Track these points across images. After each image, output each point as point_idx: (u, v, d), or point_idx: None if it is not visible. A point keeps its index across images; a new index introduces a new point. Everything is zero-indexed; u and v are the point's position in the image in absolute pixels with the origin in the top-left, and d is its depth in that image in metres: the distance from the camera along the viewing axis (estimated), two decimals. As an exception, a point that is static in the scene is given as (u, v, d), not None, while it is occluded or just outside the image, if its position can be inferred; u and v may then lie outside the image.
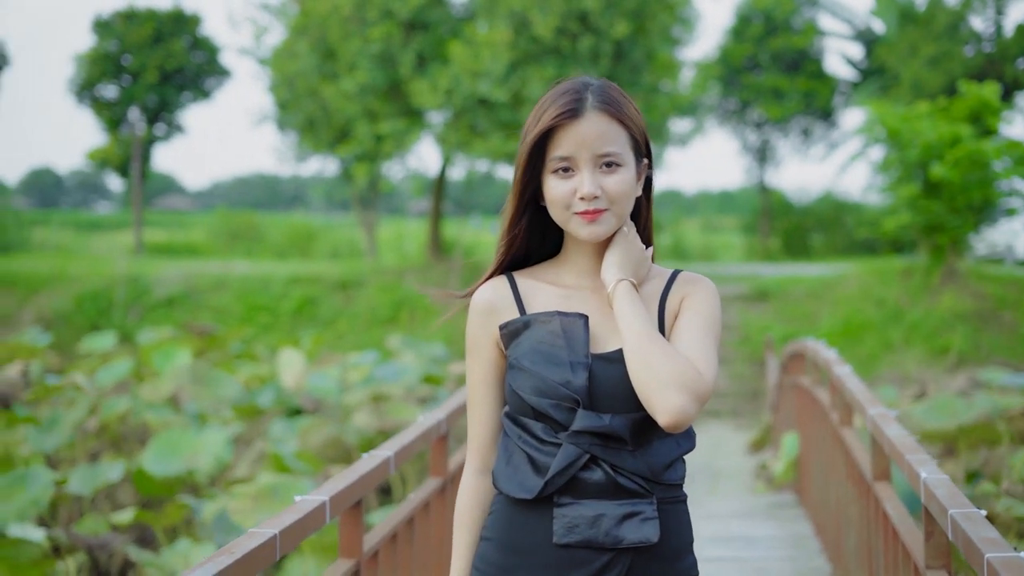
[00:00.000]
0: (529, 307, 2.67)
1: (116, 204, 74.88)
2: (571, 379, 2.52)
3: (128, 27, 36.83)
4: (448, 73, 22.20)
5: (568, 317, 2.60)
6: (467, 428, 2.77)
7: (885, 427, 4.43)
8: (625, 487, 2.53)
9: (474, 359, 2.71)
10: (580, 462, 2.52)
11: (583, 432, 2.52)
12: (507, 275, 2.73)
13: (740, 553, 7.49)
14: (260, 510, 8.04)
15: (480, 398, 2.71)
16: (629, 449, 2.53)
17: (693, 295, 2.65)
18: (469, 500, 2.72)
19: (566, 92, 2.61)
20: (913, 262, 22.53)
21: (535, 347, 2.58)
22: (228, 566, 2.79)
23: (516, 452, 2.60)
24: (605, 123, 2.58)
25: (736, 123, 36.45)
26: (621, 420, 2.51)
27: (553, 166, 2.59)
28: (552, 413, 2.53)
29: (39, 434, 11.34)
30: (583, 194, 2.55)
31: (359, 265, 27.25)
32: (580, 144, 2.56)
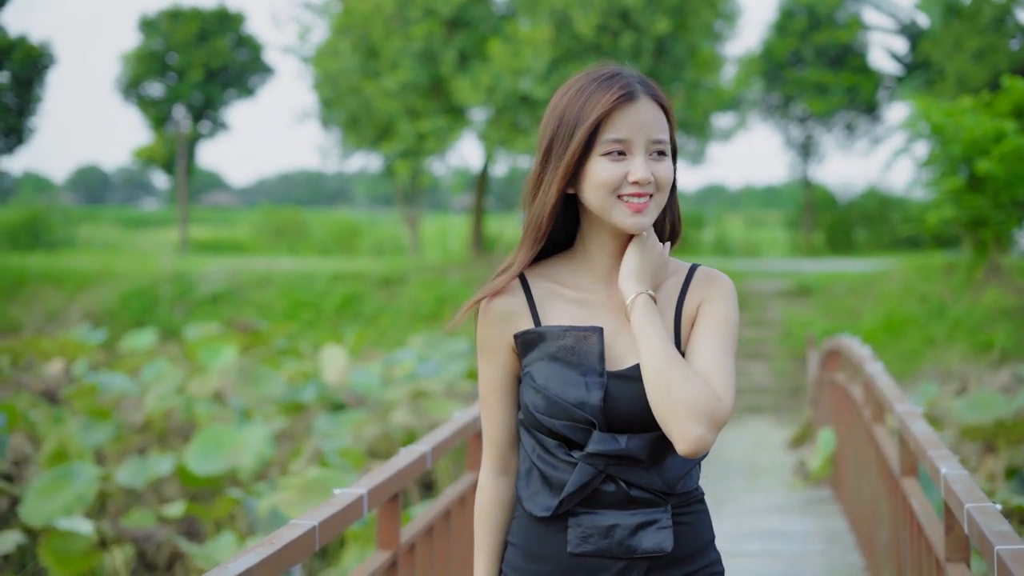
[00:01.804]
0: (544, 315, 2.59)
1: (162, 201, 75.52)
2: (586, 399, 2.47)
3: (173, 26, 37.20)
4: (489, 71, 22.32)
5: (582, 331, 2.53)
6: (482, 429, 2.73)
7: (911, 424, 4.52)
8: (639, 499, 2.51)
9: (489, 363, 2.65)
10: (596, 482, 2.50)
11: (599, 454, 2.48)
12: (520, 277, 2.64)
13: (775, 547, 7.57)
14: (306, 503, 8.21)
15: (496, 402, 2.66)
16: (644, 466, 2.50)
17: (711, 300, 2.58)
18: (488, 502, 2.69)
19: (615, 76, 2.55)
20: (956, 257, 22.45)
21: (549, 364, 2.52)
22: (269, 555, 2.92)
23: (534, 469, 2.57)
24: (656, 110, 2.55)
25: (779, 118, 36.31)
26: (637, 441, 2.48)
27: (605, 148, 2.51)
28: (567, 433, 2.49)
29: (87, 429, 11.55)
30: (637, 178, 2.49)
31: (402, 261, 27.43)
32: (637, 128, 2.51)
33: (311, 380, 14.55)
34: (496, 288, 2.61)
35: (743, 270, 24.55)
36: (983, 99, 20.87)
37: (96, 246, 39.52)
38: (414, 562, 4.19)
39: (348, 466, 9.87)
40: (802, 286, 22.67)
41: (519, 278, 2.64)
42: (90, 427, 11.57)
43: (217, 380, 14.34)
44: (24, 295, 25.02)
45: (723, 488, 12.01)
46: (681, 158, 29.37)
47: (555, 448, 2.52)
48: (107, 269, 25.92)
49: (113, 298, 24.41)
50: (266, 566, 2.89)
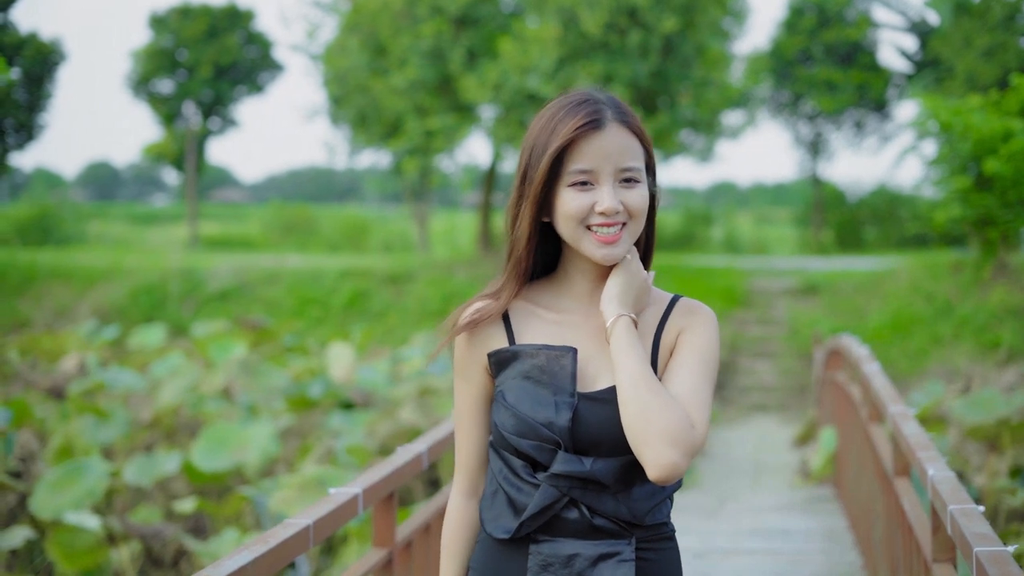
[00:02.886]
0: (519, 334, 2.55)
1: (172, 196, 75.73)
2: (554, 420, 2.42)
3: (183, 23, 37.34)
4: (497, 68, 22.37)
5: (555, 351, 2.47)
6: (455, 451, 2.69)
7: (903, 425, 4.57)
8: (602, 528, 2.44)
9: (463, 383, 2.60)
10: (558, 506, 2.44)
11: (562, 475, 2.42)
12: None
13: (775, 546, 7.62)
14: (305, 501, 8.27)
15: (468, 423, 2.61)
16: (610, 493, 2.44)
17: (692, 329, 2.53)
18: (457, 526, 2.64)
19: (583, 103, 2.49)
20: (964, 256, 22.44)
21: (520, 383, 2.47)
22: (263, 554, 2.98)
23: (499, 490, 2.51)
24: (626, 137, 2.48)
25: (789, 116, 36.32)
26: (604, 465, 2.42)
27: (571, 179, 2.46)
28: (532, 453, 2.44)
29: (95, 426, 11.63)
30: (604, 209, 2.43)
31: (410, 258, 27.49)
32: (603, 157, 2.45)
33: (318, 377, 14.62)
34: (477, 320, 2.54)
35: (751, 268, 24.57)
36: (991, 98, 20.85)
37: (106, 242, 39.67)
38: (410, 560, 4.25)
39: (354, 464, 9.93)
40: (809, 284, 22.69)
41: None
42: (98, 423, 11.65)
43: (224, 377, 14.41)
44: (34, 291, 25.12)
45: (727, 486, 12.05)
46: (690, 156, 29.54)
47: (521, 469, 2.46)
48: (117, 265, 26.02)
49: (122, 295, 24.50)
50: (260, 564, 2.95)
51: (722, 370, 19.40)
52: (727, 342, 20.01)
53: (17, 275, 25.64)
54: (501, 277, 2.59)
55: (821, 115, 35.77)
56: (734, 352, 20.20)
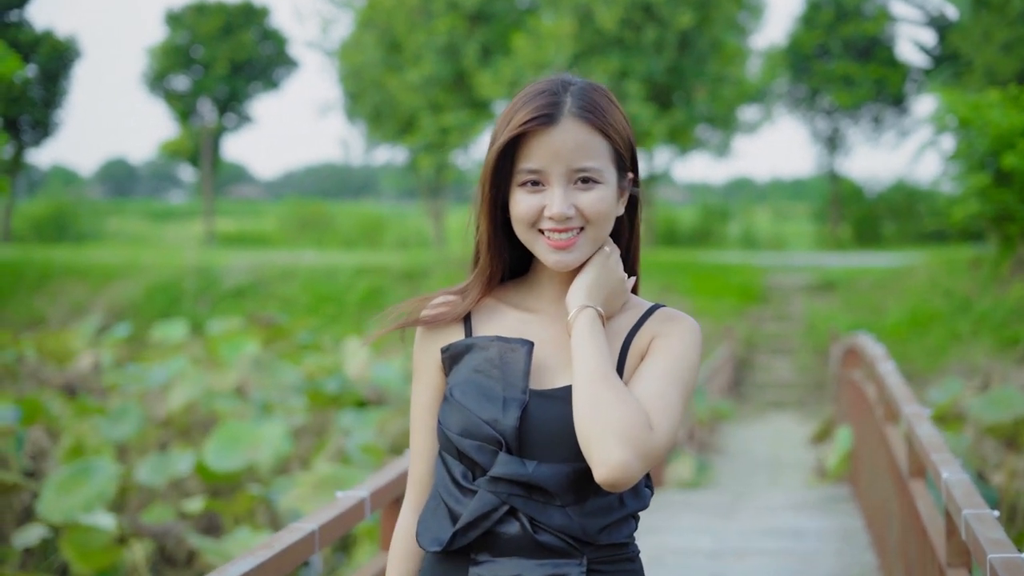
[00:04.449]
0: (477, 330, 2.32)
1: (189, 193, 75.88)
2: (500, 418, 2.17)
3: (199, 20, 37.46)
4: (512, 64, 22.35)
5: (509, 343, 2.23)
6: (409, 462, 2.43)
7: (918, 426, 4.52)
8: (547, 545, 2.16)
9: (418, 383, 2.36)
10: (496, 515, 2.17)
11: (502, 479, 2.16)
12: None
13: (789, 545, 7.57)
14: (320, 499, 8.25)
15: (422, 427, 2.35)
16: (557, 504, 2.16)
17: (667, 336, 2.25)
18: (405, 544, 2.36)
19: (540, 93, 2.23)
20: (982, 252, 22.32)
21: (469, 377, 2.23)
22: (268, 559, 2.94)
23: (440, 502, 2.25)
24: (584, 133, 2.20)
25: (806, 110, 36.21)
26: (548, 470, 2.15)
27: (521, 179, 2.22)
28: (473, 455, 2.18)
29: (109, 424, 11.63)
30: (552, 213, 2.18)
31: (425, 255, 27.47)
32: (553, 156, 2.19)
33: (333, 374, 14.61)
34: (436, 319, 2.33)
35: (768, 264, 24.49)
36: (1010, 93, 20.72)
37: (123, 239, 39.80)
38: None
39: (368, 463, 9.91)
40: (827, 280, 22.61)
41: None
42: (112, 422, 11.65)
43: (237, 374, 14.41)
44: (50, 288, 25.19)
45: (745, 484, 12.01)
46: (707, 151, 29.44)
47: (460, 475, 2.21)
48: (132, 262, 26.07)
49: (138, 292, 24.55)
50: (265, 569, 2.91)
51: (738, 367, 19.34)
52: (744, 338, 19.95)
53: (33, 272, 25.71)
54: (468, 276, 2.37)
55: (838, 110, 35.65)
56: (750, 349, 20.15)
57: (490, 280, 2.32)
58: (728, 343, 18.42)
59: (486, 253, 2.31)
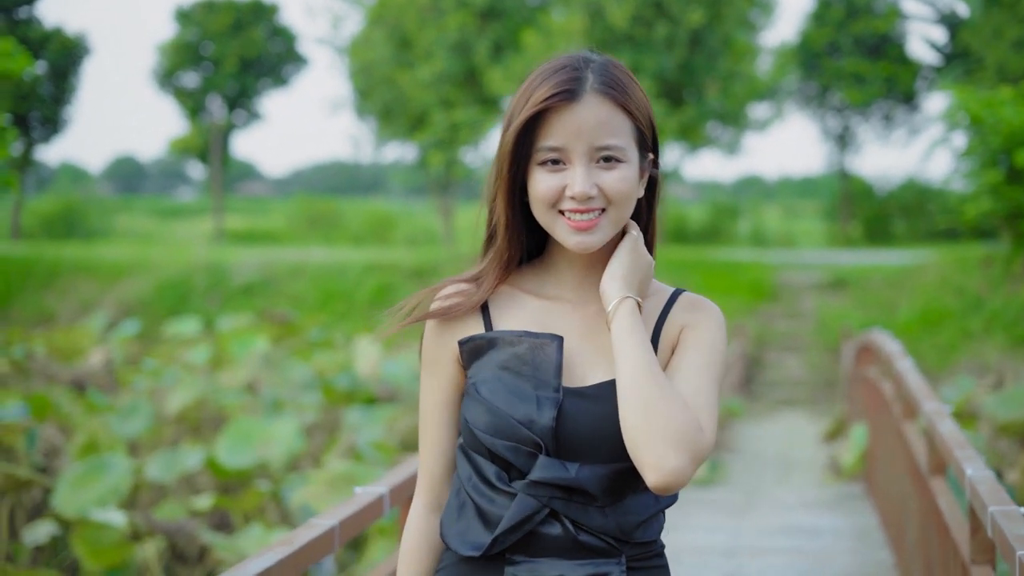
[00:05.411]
0: (497, 320, 2.24)
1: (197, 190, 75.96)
2: (535, 418, 2.11)
3: (208, 16, 37.50)
4: (522, 61, 22.33)
5: (539, 339, 2.16)
6: (419, 456, 2.35)
7: (939, 423, 4.48)
8: (588, 545, 2.13)
9: (431, 377, 2.28)
10: (537, 518, 2.12)
11: (543, 483, 2.12)
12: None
13: (804, 543, 7.53)
14: (334, 496, 8.23)
15: (435, 423, 2.28)
16: (597, 505, 2.13)
17: (697, 326, 2.22)
18: (417, 543, 2.29)
19: (561, 69, 2.16)
20: (994, 250, 22.25)
21: (497, 374, 2.16)
22: (288, 555, 2.92)
23: (468, 501, 2.20)
24: (606, 110, 2.14)
25: (816, 108, 36.14)
26: (591, 472, 2.12)
27: (541, 157, 2.15)
28: (508, 456, 2.13)
29: (120, 420, 11.62)
30: (574, 193, 2.12)
31: (435, 252, 27.45)
32: (574, 133, 2.12)
33: (343, 371, 14.59)
34: (451, 311, 2.24)
35: (778, 262, 24.44)
36: (1022, 89, 20.64)
37: (131, 236, 39.83)
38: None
39: (380, 460, 9.88)
40: (838, 278, 22.55)
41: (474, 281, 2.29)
42: (123, 418, 11.64)
43: (247, 371, 14.41)
44: (59, 285, 25.20)
45: (757, 481, 11.96)
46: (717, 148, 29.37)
47: (494, 476, 2.15)
48: (142, 259, 26.07)
49: (148, 289, 24.54)
50: (285, 566, 2.89)
51: (749, 364, 19.30)
52: (754, 336, 19.90)
53: (43, 269, 25.72)
54: (480, 262, 2.29)
55: (849, 107, 35.58)
56: (761, 346, 20.10)
57: (508, 264, 2.24)
58: (739, 341, 18.38)
59: (504, 235, 2.23)
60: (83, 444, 10.68)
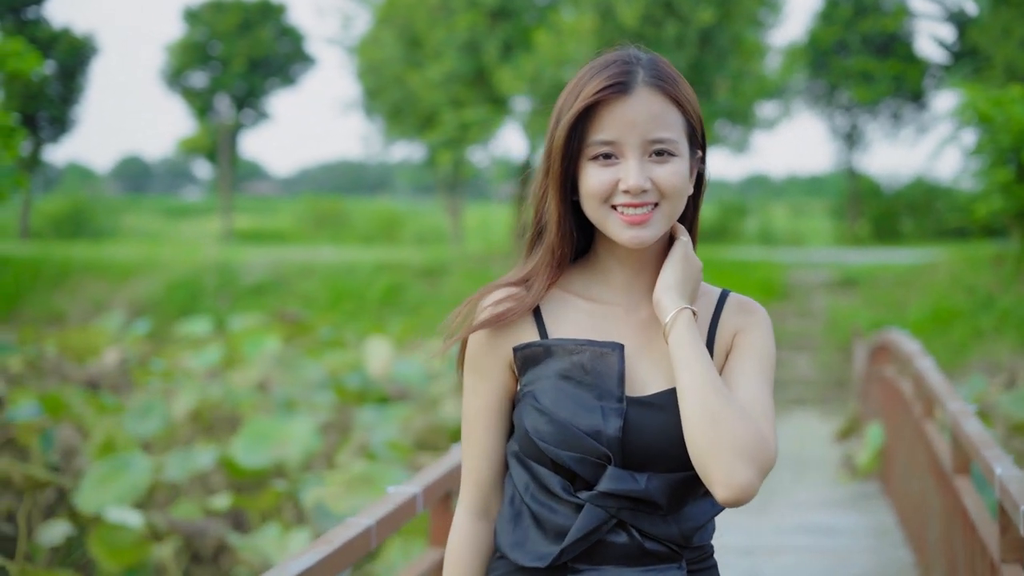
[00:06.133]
0: (551, 325, 2.20)
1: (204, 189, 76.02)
2: (601, 428, 2.09)
3: (216, 16, 37.55)
4: (533, 61, 22.33)
5: (600, 348, 2.14)
6: (463, 462, 2.33)
7: (964, 422, 4.49)
8: (652, 552, 2.13)
9: (478, 382, 2.24)
10: (605, 528, 2.11)
11: (612, 494, 2.10)
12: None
13: (823, 542, 7.54)
14: (351, 496, 8.25)
15: (482, 429, 2.24)
16: (661, 513, 2.13)
17: (750, 330, 2.22)
18: (464, 549, 2.26)
19: (612, 63, 2.16)
20: (1005, 248, 22.23)
21: (557, 384, 2.13)
22: (328, 555, 2.94)
23: (524, 510, 2.18)
24: (659, 103, 2.14)
25: (824, 106, 36.13)
26: (658, 483, 2.11)
27: (592, 151, 2.14)
28: (574, 467, 2.10)
29: (135, 420, 11.65)
30: (628, 186, 2.10)
31: (444, 251, 27.46)
32: (628, 126, 2.11)
33: (355, 371, 14.61)
34: (504, 316, 2.19)
35: (787, 260, 24.42)
36: (1031, 88, 20.63)
37: (139, 235, 39.88)
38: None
39: (395, 459, 9.90)
40: (848, 277, 22.53)
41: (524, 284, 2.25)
42: (138, 418, 11.67)
43: (259, 371, 14.44)
44: (69, 285, 25.24)
45: (770, 481, 11.96)
46: (726, 147, 29.36)
47: (557, 486, 2.13)
48: (151, 259, 26.10)
49: (158, 288, 24.58)
50: (325, 566, 2.91)
51: (760, 363, 19.28)
52: (764, 335, 19.89)
53: (52, 269, 25.76)
54: (527, 263, 2.26)
55: (857, 106, 35.57)
56: (772, 345, 20.10)
57: (560, 263, 2.22)
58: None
59: (556, 232, 2.20)
60: (100, 444, 10.71)
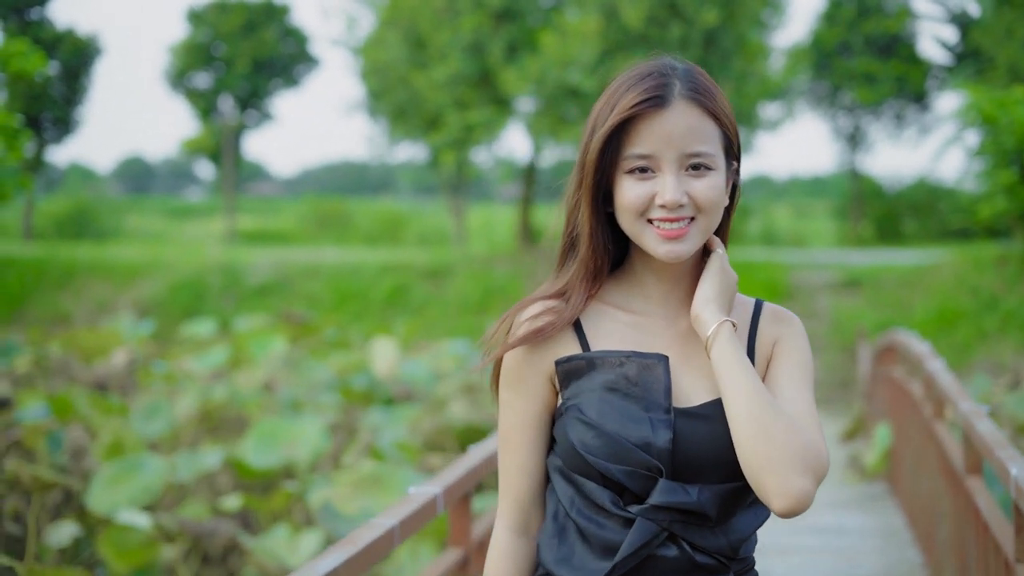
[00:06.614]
0: (593, 338, 2.18)
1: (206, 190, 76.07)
2: (651, 440, 2.06)
3: (220, 17, 37.61)
4: (538, 62, 22.36)
5: (646, 359, 2.12)
6: (498, 476, 2.28)
7: (977, 423, 4.51)
8: (702, 564, 2.11)
9: (517, 396, 2.20)
10: (656, 542, 2.08)
11: (664, 507, 2.08)
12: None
13: (832, 543, 7.57)
14: (360, 497, 8.27)
15: (522, 443, 2.21)
16: (710, 525, 2.11)
17: (788, 340, 2.21)
18: (505, 568, 2.23)
19: (648, 75, 2.14)
20: (1009, 249, 22.25)
21: (603, 396, 2.11)
22: (353, 555, 2.97)
23: (570, 525, 2.16)
24: (696, 116, 2.12)
25: (827, 107, 36.17)
26: (709, 494, 2.09)
27: (629, 165, 2.12)
28: (624, 480, 2.08)
29: (142, 421, 11.67)
30: (665, 201, 2.09)
31: (448, 252, 27.49)
32: (665, 140, 2.09)
33: (361, 372, 14.64)
34: (543, 331, 2.16)
35: (791, 261, 24.44)
36: (1036, 89, 20.63)
37: (142, 236, 39.92)
38: (484, 560, 4.22)
39: (404, 460, 9.92)
40: (851, 278, 22.55)
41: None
42: (145, 419, 11.69)
43: (265, 372, 14.47)
44: (74, 286, 25.27)
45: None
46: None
47: (606, 500, 2.10)
48: (155, 260, 26.14)
49: (162, 289, 24.61)
50: (350, 566, 2.94)
51: (764, 364, 19.31)
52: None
53: (57, 270, 25.80)
54: (560, 275, 2.22)
55: (860, 107, 35.60)
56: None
57: (595, 276, 2.19)
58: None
59: (588, 245, 2.17)
60: (108, 445, 10.74)
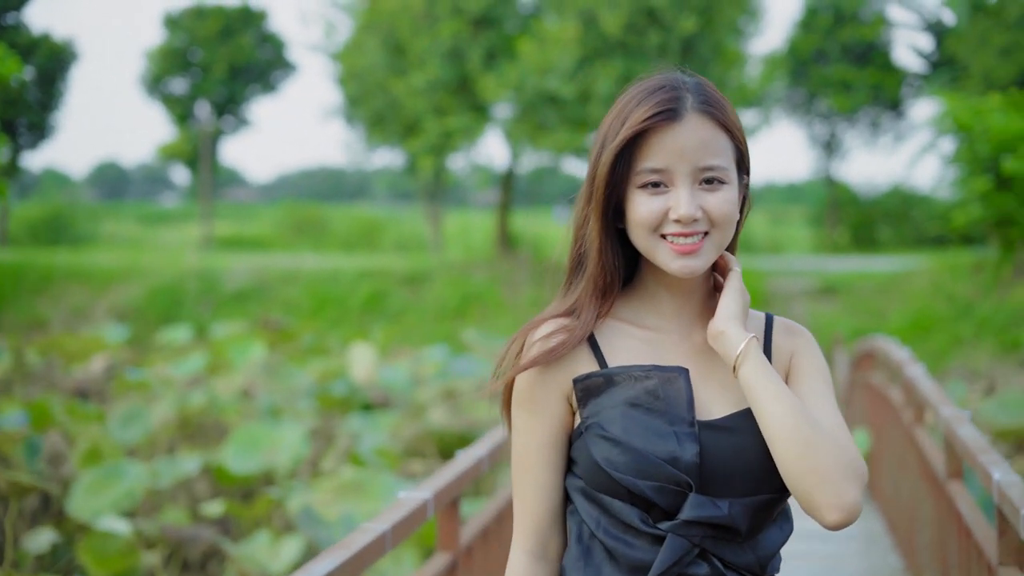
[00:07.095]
0: (609, 354, 2.13)
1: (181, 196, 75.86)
2: (678, 455, 2.02)
3: (197, 23, 37.56)
4: (516, 69, 22.41)
5: (667, 373, 2.08)
6: (513, 500, 2.22)
7: (958, 428, 4.55)
8: None
9: (532, 417, 2.15)
10: (688, 558, 2.03)
11: (695, 522, 2.03)
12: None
13: (813, 547, 7.60)
14: (342, 503, 8.28)
15: (539, 464, 2.15)
16: (739, 540, 2.07)
17: (805, 352, 2.19)
18: None
19: (659, 88, 2.09)
20: (984, 256, 22.40)
21: (626, 412, 2.06)
22: (346, 560, 2.98)
23: (596, 546, 2.10)
24: (708, 130, 2.08)
25: (803, 114, 36.35)
26: (739, 507, 2.04)
27: (641, 180, 2.06)
28: (652, 496, 2.03)
29: (120, 428, 11.65)
30: (679, 216, 2.04)
31: (426, 259, 27.50)
32: (678, 154, 2.05)
33: (339, 378, 14.63)
34: (557, 351, 2.11)
35: (767, 268, 24.54)
36: (1012, 97, 20.78)
37: (118, 242, 39.78)
38: (472, 564, 4.25)
39: (384, 466, 9.93)
40: (828, 285, 22.66)
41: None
42: (123, 425, 11.66)
43: (244, 378, 14.45)
44: (51, 292, 25.17)
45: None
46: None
47: (635, 518, 2.05)
48: (132, 266, 26.07)
49: (139, 295, 24.54)
50: (344, 569, 2.95)
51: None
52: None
53: (34, 275, 25.70)
54: (569, 292, 2.18)
55: (836, 114, 35.78)
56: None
57: (605, 293, 2.14)
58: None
59: (597, 261, 2.13)
60: (86, 452, 10.71)
